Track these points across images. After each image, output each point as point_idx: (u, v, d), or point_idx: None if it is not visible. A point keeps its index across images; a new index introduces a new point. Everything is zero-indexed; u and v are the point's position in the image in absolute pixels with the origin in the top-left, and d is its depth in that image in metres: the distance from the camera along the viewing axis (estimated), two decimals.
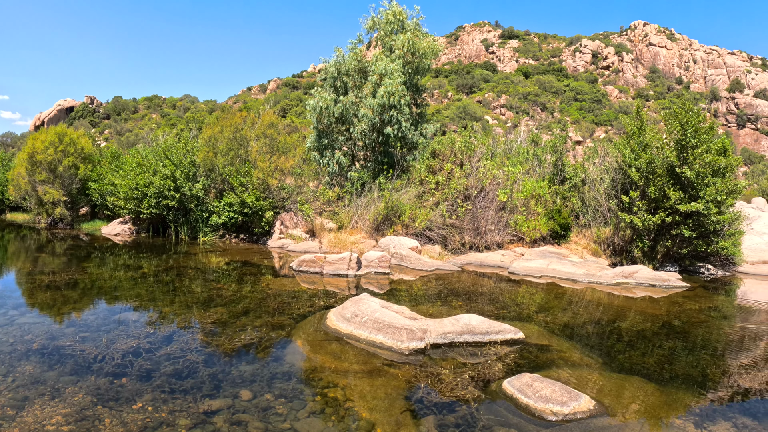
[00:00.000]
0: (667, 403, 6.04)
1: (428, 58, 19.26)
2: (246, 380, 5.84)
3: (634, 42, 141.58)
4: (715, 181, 15.53)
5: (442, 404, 5.41)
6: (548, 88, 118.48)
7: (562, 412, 5.33)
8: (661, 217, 15.39)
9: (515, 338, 7.59)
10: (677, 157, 15.89)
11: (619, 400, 6.00)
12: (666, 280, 13.77)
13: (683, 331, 9.31)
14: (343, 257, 12.63)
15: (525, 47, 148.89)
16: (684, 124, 16.01)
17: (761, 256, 18.50)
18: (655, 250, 16.40)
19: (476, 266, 14.86)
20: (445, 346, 7.16)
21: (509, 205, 16.96)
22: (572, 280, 13.64)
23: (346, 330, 7.46)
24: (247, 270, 12.88)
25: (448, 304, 9.86)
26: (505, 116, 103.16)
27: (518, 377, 5.94)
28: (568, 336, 8.31)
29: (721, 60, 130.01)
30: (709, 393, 6.48)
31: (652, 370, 7.09)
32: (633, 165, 16.29)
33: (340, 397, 5.47)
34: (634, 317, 10.10)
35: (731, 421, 5.66)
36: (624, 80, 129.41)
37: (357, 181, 18.07)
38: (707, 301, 12.26)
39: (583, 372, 6.72)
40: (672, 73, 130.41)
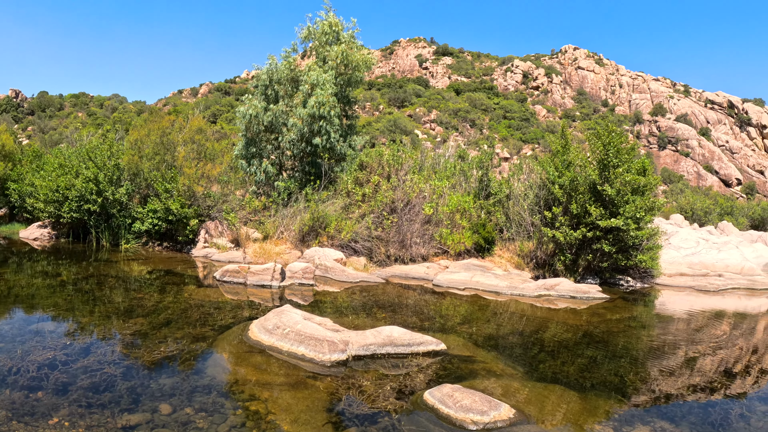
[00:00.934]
0: (587, 410, 6.22)
1: (361, 71, 19.33)
2: (166, 394, 5.68)
3: (563, 65, 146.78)
4: (635, 198, 16.24)
5: (364, 416, 5.42)
6: (479, 105, 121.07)
7: (483, 421, 5.39)
8: (582, 233, 15.95)
9: (437, 349, 7.67)
10: (599, 175, 16.51)
11: (540, 408, 6.14)
12: (587, 292, 14.24)
13: (603, 340, 9.66)
14: (267, 268, 12.46)
15: (458, 64, 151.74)
16: (606, 144, 16.68)
17: (678, 269, 19.43)
18: (577, 263, 16.94)
19: (401, 278, 14.94)
20: (367, 358, 7.16)
21: (435, 218, 17.19)
22: (495, 293, 13.88)
23: (268, 342, 7.36)
24: (169, 279, 12.53)
25: (372, 316, 9.88)
26: (435, 131, 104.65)
27: (439, 388, 5.98)
28: (491, 347, 8.46)
29: (645, 85, 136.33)
30: (628, 399, 6.73)
31: (573, 378, 7.27)
32: (556, 182, 16.83)
33: (262, 411, 5.41)
34: (556, 328, 10.41)
35: (650, 425, 5.90)
36: (552, 101, 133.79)
37: (284, 191, 17.88)
38: (626, 312, 12.78)
39: (504, 382, 6.84)
40: (598, 95, 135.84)
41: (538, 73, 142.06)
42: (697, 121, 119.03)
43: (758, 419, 6.39)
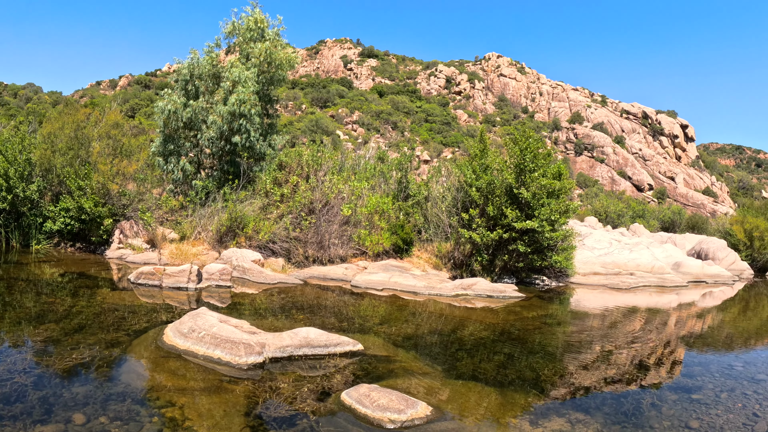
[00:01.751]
0: (504, 405, 6.38)
1: (284, 69, 19.11)
2: (79, 403, 5.44)
3: (486, 71, 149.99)
4: (550, 201, 16.80)
5: (282, 419, 5.39)
6: (401, 108, 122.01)
7: (400, 419, 5.46)
8: (498, 234, 16.39)
9: (354, 350, 7.72)
10: (516, 179, 17.00)
11: (458, 404, 6.26)
12: (503, 291, 14.63)
13: (520, 337, 9.93)
14: (183, 270, 12.13)
15: (383, 67, 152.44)
16: (523, 149, 17.18)
17: (591, 268, 20.25)
18: (494, 263, 17.38)
19: (319, 279, 14.92)
20: (284, 360, 7.12)
21: (353, 219, 17.26)
22: (413, 293, 14.07)
23: (183, 346, 7.17)
24: (82, 282, 11.95)
25: (290, 318, 9.83)
26: (357, 132, 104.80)
27: (356, 388, 6.02)
28: (409, 346, 8.55)
29: (565, 94, 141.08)
30: (544, 393, 6.93)
31: (491, 375, 7.46)
32: (474, 185, 17.22)
33: (179, 417, 5.27)
34: (474, 326, 10.62)
35: (565, 417, 6.11)
36: (474, 106, 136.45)
37: (201, 190, 17.43)
38: (542, 310, 13.19)
39: (422, 380, 6.94)
40: (519, 102, 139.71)
41: (461, 79, 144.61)
42: (612, 129, 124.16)
43: (669, 407, 6.72)
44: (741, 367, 9.05)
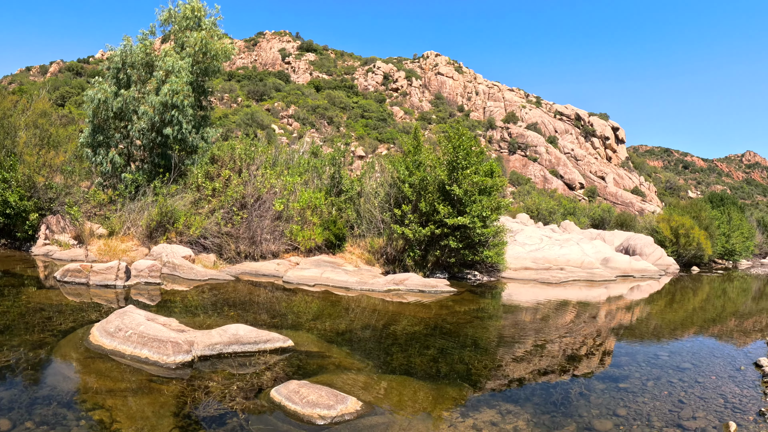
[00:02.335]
0: (436, 398, 6.43)
1: (220, 60, 18.69)
2: (4, 408, 5.23)
3: (424, 70, 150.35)
4: (482, 198, 17.15)
5: (212, 418, 5.34)
6: (337, 103, 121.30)
7: (330, 415, 5.45)
8: (430, 230, 16.64)
9: (284, 346, 7.73)
10: (448, 176, 17.26)
11: (389, 399, 6.29)
12: (435, 286, 14.86)
13: (452, 331, 10.09)
14: (111, 266, 11.79)
15: (321, 61, 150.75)
16: (456, 146, 17.44)
17: (522, 263, 20.80)
18: (426, 259, 17.63)
19: (251, 275, 14.83)
20: (213, 358, 7.05)
21: (286, 214, 17.19)
22: (346, 288, 14.17)
23: (110, 346, 6.97)
24: (7, 281, 11.38)
25: (221, 315, 9.73)
26: (292, 126, 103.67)
27: (285, 385, 5.99)
28: (341, 342, 8.60)
29: (501, 94, 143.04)
30: (476, 386, 7.05)
31: (423, 369, 7.53)
32: (407, 181, 17.41)
33: (107, 419, 5.14)
34: (406, 321, 10.73)
35: (495, 408, 6.23)
36: (410, 103, 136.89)
37: (131, 183, 16.91)
38: (474, 304, 13.45)
39: (353, 375, 6.95)
40: (455, 101, 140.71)
41: (399, 76, 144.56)
42: (546, 129, 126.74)
43: (597, 396, 6.95)
44: (666, 357, 9.48)
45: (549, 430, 5.77)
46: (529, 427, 5.79)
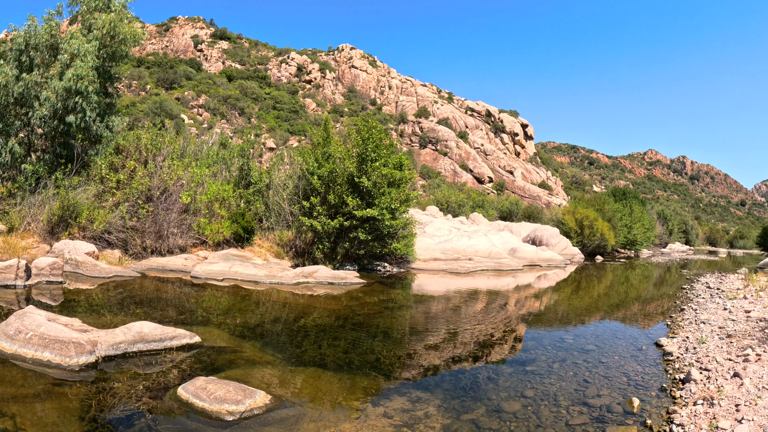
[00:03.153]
0: (346, 389, 6.44)
1: (128, 45, 17.66)
2: None
3: (339, 62, 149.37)
4: (390, 191, 17.38)
5: (119, 420, 5.15)
6: (249, 93, 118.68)
7: (238, 410, 5.36)
8: (339, 222, 16.75)
9: (191, 342, 7.61)
10: (357, 168, 17.38)
11: (299, 391, 6.24)
12: (344, 278, 14.98)
13: (362, 322, 10.20)
14: (9, 265, 11.08)
15: (234, 50, 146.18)
16: (366, 139, 17.59)
17: (432, 254, 21.25)
18: (336, 251, 17.73)
19: (158, 271, 14.45)
20: (118, 358, 6.82)
21: (193, 207, 16.81)
22: (254, 282, 14.12)
23: (10, 349, 6.56)
24: None
25: (128, 314, 9.40)
26: (203, 117, 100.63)
27: (192, 382, 5.84)
28: (249, 336, 8.54)
29: (414, 89, 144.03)
30: (386, 375, 7.10)
31: (334, 360, 7.53)
32: (316, 173, 17.41)
33: (10, 428, 4.83)
34: (316, 314, 10.78)
35: (406, 396, 6.29)
36: (323, 95, 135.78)
37: (32, 175, 15.79)
38: (383, 295, 13.65)
39: (263, 369, 6.87)
40: (368, 95, 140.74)
41: (313, 68, 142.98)
42: (457, 125, 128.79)
43: (505, 380, 7.17)
44: (572, 340, 9.94)
45: (459, 414, 5.86)
46: (440, 412, 5.87)
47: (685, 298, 16.62)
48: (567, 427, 5.69)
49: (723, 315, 12.01)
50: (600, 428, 5.70)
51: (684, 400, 6.55)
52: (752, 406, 5.83)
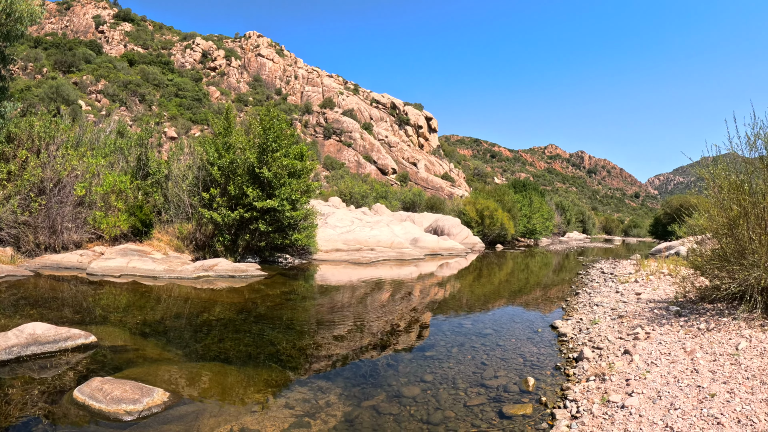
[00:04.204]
0: (247, 382, 6.44)
1: (24, 24, 16.13)
2: None
3: (245, 50, 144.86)
4: (291, 181, 17.42)
5: (14, 428, 4.95)
6: (151, 79, 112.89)
7: (137, 409, 5.29)
8: (240, 213, 16.69)
9: (87, 343, 7.41)
10: (258, 158, 17.32)
11: (199, 387, 6.20)
12: (245, 270, 15.00)
13: (263, 315, 10.21)
14: None
15: (137, 33, 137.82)
16: (267, 129, 17.54)
17: (334, 245, 21.45)
18: (237, 243, 17.65)
19: (53, 269, 13.86)
20: (12, 363, 6.57)
21: (88, 200, 16.11)
22: (153, 277, 13.87)
23: None
24: None
25: (22, 315, 9.02)
26: (101, 103, 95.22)
27: (88, 383, 5.69)
28: (148, 334, 8.37)
29: (320, 80, 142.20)
30: (288, 367, 7.13)
31: (235, 354, 7.52)
32: (216, 164, 17.22)
33: None
34: (216, 308, 10.70)
35: (308, 386, 6.38)
36: (228, 83, 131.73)
37: None
38: (285, 287, 13.67)
39: (161, 366, 6.77)
40: (274, 84, 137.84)
41: (218, 55, 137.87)
42: (362, 116, 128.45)
43: (405, 366, 7.35)
44: (470, 325, 10.28)
45: (360, 401, 6.02)
46: (341, 400, 6.01)
47: (580, 283, 17.33)
48: (465, 409, 5.92)
49: (615, 298, 12.59)
50: (497, 407, 5.97)
51: (577, 377, 6.92)
52: (641, 380, 6.21)
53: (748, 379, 5.86)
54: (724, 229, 9.23)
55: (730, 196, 9.15)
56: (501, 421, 5.66)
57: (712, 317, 8.70)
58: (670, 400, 5.52)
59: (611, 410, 5.49)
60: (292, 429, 5.28)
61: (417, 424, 5.53)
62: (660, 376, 6.29)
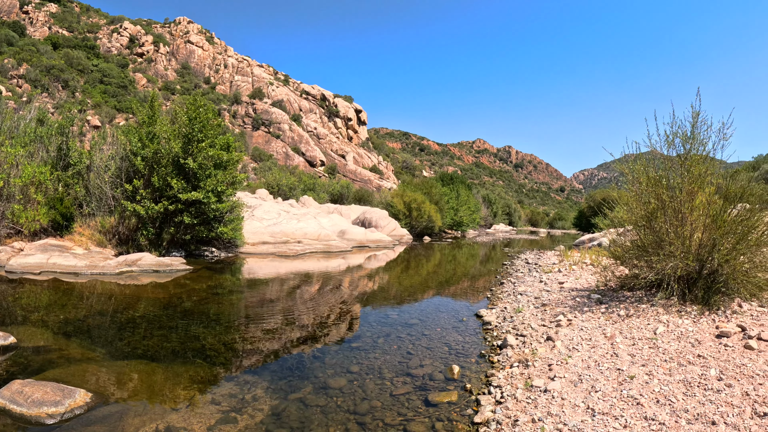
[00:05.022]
0: (173, 379, 6.31)
1: None
2: None
3: (174, 36, 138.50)
4: (217, 173, 17.04)
5: None
6: (76, 64, 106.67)
7: (58, 412, 5.15)
8: (164, 206, 16.20)
9: (6, 344, 7.13)
10: (183, 149, 16.86)
11: (124, 386, 6.05)
12: (170, 265, 14.66)
13: (190, 310, 10.02)
14: None
15: (63, 15, 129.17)
16: (193, 118, 17.09)
17: (261, 238, 21.20)
18: (161, 237, 17.16)
19: None
20: None
21: (6, 192, 15.29)
22: (75, 274, 13.40)
23: None
24: None
25: None
26: (23, 88, 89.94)
27: (8, 386, 5.51)
28: (70, 333, 8.08)
29: (250, 69, 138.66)
30: (214, 362, 7.03)
31: (160, 351, 7.34)
32: (140, 154, 16.59)
33: None
34: (141, 304, 10.42)
35: (234, 381, 6.36)
36: (155, 70, 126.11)
37: None
38: (211, 281, 13.42)
39: (84, 366, 6.56)
40: (203, 72, 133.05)
41: (146, 40, 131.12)
42: (291, 108, 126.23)
43: (332, 357, 7.36)
44: (396, 316, 10.34)
45: (287, 394, 5.99)
46: (268, 394, 5.97)
47: (505, 273, 17.49)
48: (392, 398, 5.99)
49: (539, 287, 12.80)
50: (422, 396, 6.05)
51: (501, 364, 7.04)
52: (563, 365, 6.37)
53: (665, 362, 6.10)
54: (643, 221, 9.73)
55: (649, 190, 9.62)
56: (427, 409, 5.73)
57: (631, 304, 9.00)
58: (591, 383, 5.70)
59: (534, 394, 5.62)
60: (219, 425, 5.22)
61: (344, 414, 5.55)
62: (581, 361, 6.49)
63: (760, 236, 8.33)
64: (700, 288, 8.58)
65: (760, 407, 4.77)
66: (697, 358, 6.17)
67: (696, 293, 8.58)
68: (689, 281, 8.80)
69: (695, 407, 4.92)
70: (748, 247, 8.32)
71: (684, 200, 9.04)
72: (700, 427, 4.55)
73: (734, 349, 6.34)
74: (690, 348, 6.54)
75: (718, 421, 4.61)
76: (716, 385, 5.32)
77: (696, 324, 7.52)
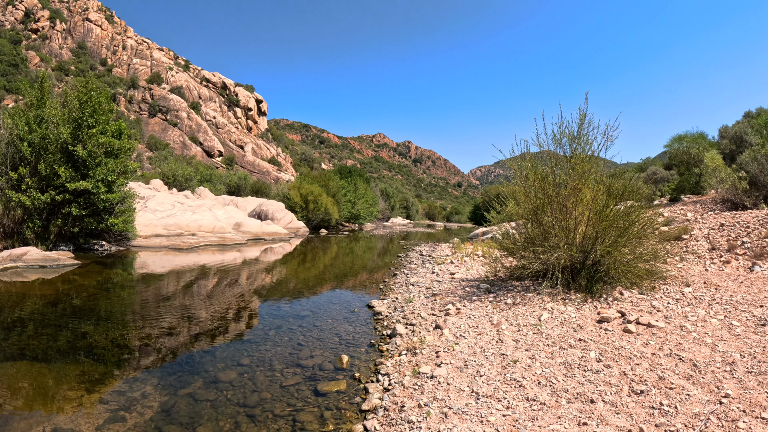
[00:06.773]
0: (60, 380, 5.95)
1: None
2: None
3: (73, 12, 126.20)
4: (107, 161, 16.12)
5: None
6: None
7: None
8: (51, 196, 15.10)
9: None
10: (72, 135, 15.84)
11: (7, 389, 5.69)
12: (57, 259, 13.81)
13: (78, 307, 9.45)
14: None
15: None
16: (84, 102, 16.05)
17: (154, 231, 20.35)
18: (49, 230, 16.03)
19: None
20: None
21: None
22: None
23: None
24: None
25: None
26: None
27: None
28: None
29: (149, 53, 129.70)
30: (102, 360, 6.70)
31: (43, 351, 6.89)
32: (26, 139, 15.47)
33: None
34: (27, 301, 9.71)
35: (123, 379, 6.08)
36: (49, 49, 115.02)
37: None
38: (101, 276, 12.75)
39: None
40: (100, 53, 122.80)
41: (43, 15, 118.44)
42: (190, 95, 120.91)
43: (222, 351, 7.19)
44: (288, 308, 10.19)
45: (176, 389, 5.82)
46: (157, 390, 5.77)
47: (399, 265, 17.51)
48: (281, 389, 5.92)
49: (431, 278, 12.85)
50: (312, 386, 6.02)
51: (390, 352, 7.04)
52: (450, 351, 6.42)
53: (548, 346, 6.28)
54: (530, 215, 10.11)
55: (536, 185, 9.93)
56: (316, 398, 5.72)
57: (518, 293, 9.24)
58: (477, 368, 5.77)
59: (421, 381, 5.64)
60: (107, 425, 5.00)
61: (234, 407, 5.44)
62: (468, 347, 6.55)
63: (639, 230, 8.95)
64: (583, 277, 8.97)
65: (637, 385, 4.99)
66: (579, 341, 6.41)
67: (580, 282, 8.96)
68: (573, 271, 9.17)
69: (575, 387, 5.08)
70: (629, 240, 8.89)
71: (569, 195, 9.48)
72: (580, 406, 4.68)
73: (614, 333, 6.66)
74: (572, 333, 6.79)
75: (597, 399, 4.78)
76: (595, 366, 5.55)
77: (579, 310, 7.83)
